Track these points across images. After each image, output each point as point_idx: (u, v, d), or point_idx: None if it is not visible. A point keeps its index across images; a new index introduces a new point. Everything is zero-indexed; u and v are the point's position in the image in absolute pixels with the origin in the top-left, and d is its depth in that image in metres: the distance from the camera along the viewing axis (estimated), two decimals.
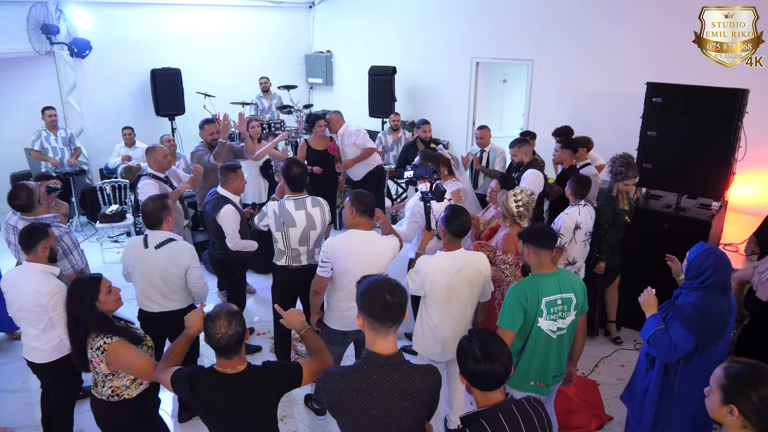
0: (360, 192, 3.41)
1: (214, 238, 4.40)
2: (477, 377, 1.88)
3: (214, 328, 2.15)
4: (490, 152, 5.96)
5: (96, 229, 7.06)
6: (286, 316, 2.57)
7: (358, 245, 3.30)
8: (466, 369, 1.90)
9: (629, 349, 4.84)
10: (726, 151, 4.48)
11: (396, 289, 2.05)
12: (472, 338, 1.92)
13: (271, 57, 10.03)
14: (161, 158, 4.69)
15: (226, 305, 2.25)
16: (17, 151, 7.44)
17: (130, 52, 8.39)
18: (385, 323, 2.02)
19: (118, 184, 6.94)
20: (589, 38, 7.43)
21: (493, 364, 1.84)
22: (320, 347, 2.48)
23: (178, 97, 8.47)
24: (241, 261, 4.50)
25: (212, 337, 2.16)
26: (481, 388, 1.90)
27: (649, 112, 4.74)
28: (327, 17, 10.54)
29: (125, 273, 3.54)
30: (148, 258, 3.38)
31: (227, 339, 2.15)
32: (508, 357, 1.87)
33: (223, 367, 2.21)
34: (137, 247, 3.41)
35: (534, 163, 5.12)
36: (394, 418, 2.00)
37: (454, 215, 3.14)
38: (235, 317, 2.19)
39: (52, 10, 7.10)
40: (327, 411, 2.10)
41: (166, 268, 3.37)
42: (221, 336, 2.15)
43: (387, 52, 9.48)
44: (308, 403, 4.05)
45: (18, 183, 3.79)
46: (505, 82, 9.29)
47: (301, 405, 4.06)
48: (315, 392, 4.01)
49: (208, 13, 9.28)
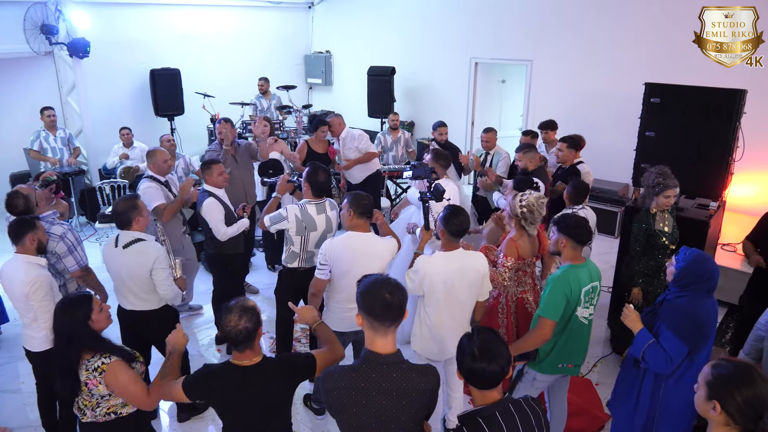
0: (358, 194, 3.41)
1: (206, 235, 4.42)
2: (473, 375, 1.89)
3: (225, 320, 2.21)
4: (494, 155, 5.90)
5: (95, 229, 7.06)
6: (299, 312, 2.64)
7: (356, 247, 3.31)
8: (463, 366, 1.91)
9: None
10: (724, 152, 4.49)
11: (396, 288, 2.07)
12: (474, 336, 1.93)
13: (271, 57, 10.05)
14: (161, 163, 4.70)
15: (242, 300, 2.30)
16: (17, 151, 7.44)
17: (129, 53, 8.40)
18: (384, 322, 2.03)
19: (117, 185, 6.95)
20: (588, 38, 7.44)
21: (490, 363, 1.85)
22: (332, 338, 2.54)
23: (178, 98, 8.48)
24: (233, 256, 4.52)
25: (223, 329, 2.22)
26: (477, 386, 1.91)
27: (647, 113, 4.74)
28: (326, 17, 10.55)
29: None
30: (116, 257, 3.42)
31: (236, 333, 2.20)
32: (506, 358, 1.88)
33: (239, 360, 2.26)
34: (110, 245, 3.48)
35: (540, 171, 5.01)
36: (392, 417, 2.01)
37: (452, 215, 3.14)
38: (246, 313, 2.23)
39: (51, 10, 7.10)
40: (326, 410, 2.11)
41: (132, 268, 3.38)
42: (230, 329, 2.21)
43: (386, 52, 9.49)
44: (307, 402, 4.05)
45: (11, 191, 3.75)
46: (503, 82, 9.30)
47: (300, 405, 4.07)
48: (314, 392, 4.01)
49: (208, 13, 9.29)
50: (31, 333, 3.25)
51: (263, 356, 2.31)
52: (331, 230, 3.86)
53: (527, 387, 3.20)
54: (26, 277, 3.10)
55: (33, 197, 3.76)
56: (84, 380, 2.47)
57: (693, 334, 2.65)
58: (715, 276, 2.71)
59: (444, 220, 3.15)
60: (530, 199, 3.53)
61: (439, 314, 3.18)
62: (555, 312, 2.93)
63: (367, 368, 2.03)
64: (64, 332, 2.49)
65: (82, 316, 2.50)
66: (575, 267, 3.00)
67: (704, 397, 1.82)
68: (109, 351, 2.52)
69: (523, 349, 3.05)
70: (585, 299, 2.99)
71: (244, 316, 2.22)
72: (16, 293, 3.16)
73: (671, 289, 2.82)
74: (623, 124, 6.08)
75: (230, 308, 2.24)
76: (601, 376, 4.47)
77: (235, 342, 2.22)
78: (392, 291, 2.05)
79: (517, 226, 3.62)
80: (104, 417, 2.57)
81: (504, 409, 1.90)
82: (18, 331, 4.23)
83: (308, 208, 3.76)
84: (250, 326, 2.22)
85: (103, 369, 2.47)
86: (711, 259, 2.77)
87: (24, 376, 4.24)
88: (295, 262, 3.88)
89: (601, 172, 6.85)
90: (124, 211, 3.39)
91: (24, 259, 3.18)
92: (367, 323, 2.07)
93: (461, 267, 3.13)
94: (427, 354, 3.29)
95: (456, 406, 3.42)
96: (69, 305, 2.52)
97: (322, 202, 3.81)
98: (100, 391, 2.50)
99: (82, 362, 2.48)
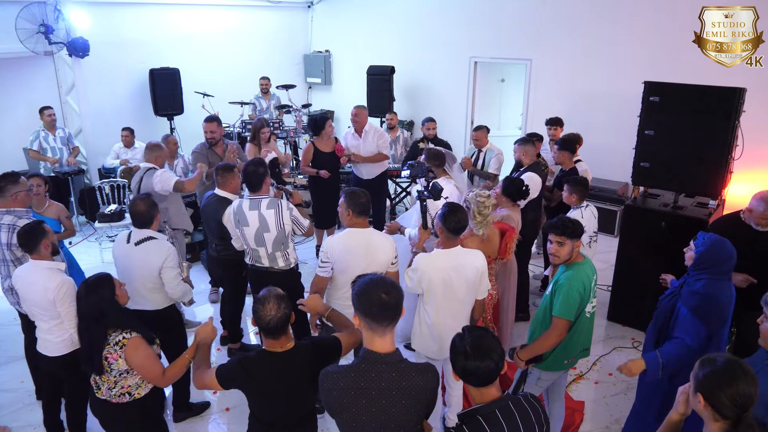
0: (354, 192, 3.37)
1: (217, 240, 4.38)
2: (468, 373, 1.89)
3: (263, 311, 2.24)
4: (486, 153, 5.86)
5: (95, 229, 7.06)
6: (307, 302, 2.68)
7: (356, 243, 3.30)
8: (457, 365, 1.91)
9: (627, 347, 4.85)
10: (723, 150, 4.48)
11: (392, 288, 2.05)
12: (464, 335, 1.93)
13: (270, 57, 10.03)
14: (165, 158, 4.87)
15: (273, 289, 2.34)
16: (16, 151, 7.44)
17: (128, 52, 8.39)
18: (381, 323, 2.02)
19: (116, 184, 6.95)
20: (588, 37, 7.44)
21: (483, 360, 1.85)
22: (348, 323, 2.58)
23: (177, 97, 8.47)
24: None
25: (262, 319, 2.25)
26: (474, 384, 1.91)
27: (646, 111, 4.74)
28: (325, 17, 10.54)
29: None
30: (127, 254, 3.44)
31: (276, 321, 2.24)
32: (499, 354, 1.88)
33: (273, 347, 2.30)
34: (121, 241, 3.50)
35: (535, 166, 4.98)
36: (392, 416, 2.01)
37: (451, 212, 3.13)
38: (283, 300, 2.29)
39: (50, 10, 7.09)
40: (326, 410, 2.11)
41: (141, 266, 3.40)
42: (271, 318, 2.24)
43: (385, 51, 9.48)
44: None
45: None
46: (503, 81, 9.29)
47: None
48: None
49: (207, 12, 9.28)
50: (50, 338, 3.21)
51: (295, 341, 2.36)
52: (267, 230, 3.71)
53: (532, 386, 3.21)
54: (52, 284, 3.08)
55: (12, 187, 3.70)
56: (104, 354, 2.61)
57: (712, 315, 2.75)
58: (733, 257, 2.82)
59: (442, 217, 3.14)
60: (470, 198, 3.64)
61: (438, 312, 3.18)
62: (571, 312, 2.95)
63: (366, 368, 2.03)
64: (93, 312, 2.63)
65: (109, 293, 2.67)
66: (580, 265, 3.02)
67: (692, 390, 1.87)
68: (132, 327, 2.67)
69: (539, 351, 3.05)
70: (592, 294, 3.05)
71: (281, 303, 2.27)
72: (39, 300, 3.12)
73: (690, 272, 2.90)
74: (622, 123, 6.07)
75: (265, 298, 2.28)
76: (601, 375, 4.47)
77: (273, 330, 2.26)
78: (388, 290, 2.03)
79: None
80: (118, 398, 2.69)
81: (503, 406, 1.90)
82: (17, 331, 4.22)
83: (243, 204, 3.75)
84: (288, 312, 2.29)
85: (124, 343, 2.61)
86: (728, 242, 2.84)
87: (24, 375, 4.24)
88: (247, 257, 3.93)
89: (600, 171, 6.85)
90: (146, 210, 3.43)
91: (44, 266, 3.16)
92: (364, 324, 2.05)
93: (460, 265, 3.13)
94: (426, 353, 3.29)
95: (455, 404, 3.42)
96: (95, 285, 2.68)
97: (257, 198, 3.74)
98: (120, 366, 2.63)
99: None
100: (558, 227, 2.99)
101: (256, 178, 3.75)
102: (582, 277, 2.97)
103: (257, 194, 3.78)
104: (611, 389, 4.27)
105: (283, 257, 3.84)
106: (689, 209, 4.81)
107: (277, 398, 2.31)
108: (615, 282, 5.16)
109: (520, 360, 3.08)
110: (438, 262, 3.14)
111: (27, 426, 3.88)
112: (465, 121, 8.99)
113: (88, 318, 2.64)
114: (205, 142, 5.49)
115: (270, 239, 3.75)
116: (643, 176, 4.87)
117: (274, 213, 3.72)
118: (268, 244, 3.76)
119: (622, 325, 5.15)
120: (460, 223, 3.13)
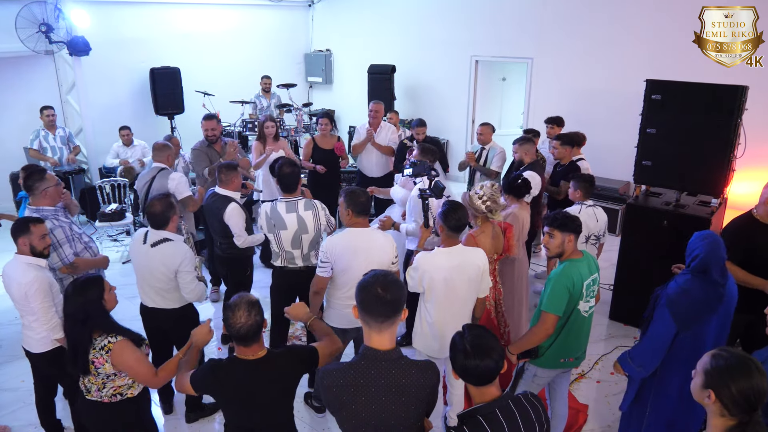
0: (354, 191, 3.36)
1: (221, 238, 4.37)
2: (467, 372, 1.87)
3: (234, 318, 2.19)
4: (489, 150, 5.89)
5: (95, 228, 7.05)
6: (290, 310, 2.64)
7: (356, 243, 3.29)
8: (457, 364, 1.90)
9: (629, 346, 4.83)
10: (725, 148, 4.46)
11: (391, 285, 2.03)
12: (464, 333, 1.92)
13: (271, 56, 10.03)
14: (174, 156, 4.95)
15: (245, 295, 2.29)
16: (16, 150, 7.43)
17: (129, 51, 8.39)
18: (376, 318, 2.00)
19: (117, 183, 6.94)
20: (589, 36, 7.43)
21: (483, 359, 1.84)
22: (329, 331, 2.58)
23: (178, 96, 8.47)
24: (250, 258, 4.54)
25: (232, 327, 2.20)
26: (474, 383, 1.90)
27: (648, 110, 4.72)
28: (326, 16, 10.53)
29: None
30: (143, 254, 3.41)
31: (247, 328, 2.20)
32: (499, 352, 1.87)
33: (244, 355, 2.25)
34: (138, 241, 3.46)
35: (535, 164, 5.02)
36: (392, 413, 1.99)
37: (451, 210, 3.13)
38: (254, 307, 2.24)
39: (50, 9, 7.09)
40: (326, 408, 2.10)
41: (157, 267, 3.38)
42: (241, 326, 2.19)
43: (386, 50, 9.48)
44: (308, 401, 4.04)
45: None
46: (504, 80, 9.28)
47: (301, 403, 4.06)
48: (314, 390, 4.00)
49: (208, 11, 9.28)
50: (31, 334, 3.23)
51: (267, 349, 2.32)
52: (306, 231, 3.70)
53: (528, 383, 3.20)
54: (23, 278, 3.09)
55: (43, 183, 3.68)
56: (90, 359, 2.55)
57: (681, 309, 2.78)
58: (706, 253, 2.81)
59: (443, 215, 3.14)
60: (486, 191, 3.56)
61: (439, 311, 3.17)
62: (558, 306, 2.94)
63: (366, 365, 2.01)
64: (78, 313, 2.55)
65: (96, 296, 2.59)
66: (575, 261, 3.00)
67: (700, 385, 1.84)
68: (117, 331, 2.60)
69: (526, 346, 3.06)
70: (587, 292, 3.02)
71: (252, 310, 2.22)
72: (15, 294, 3.16)
73: (684, 270, 2.93)
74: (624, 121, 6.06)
75: (236, 305, 2.22)
76: (603, 374, 4.46)
77: (244, 337, 2.21)
78: (386, 286, 2.01)
79: (482, 220, 3.63)
80: (110, 398, 2.65)
81: (504, 405, 1.89)
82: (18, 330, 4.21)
83: (278, 206, 3.69)
84: (259, 319, 2.24)
85: (110, 348, 2.55)
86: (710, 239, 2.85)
87: (24, 375, 4.23)
88: (278, 260, 3.84)
89: (601, 170, 6.84)
90: (163, 211, 3.37)
91: (22, 260, 3.17)
92: (361, 317, 2.05)
93: (461, 263, 3.12)
94: (427, 351, 3.28)
95: (457, 403, 3.41)
96: (82, 286, 2.60)
97: (293, 200, 3.71)
98: (106, 370, 2.57)
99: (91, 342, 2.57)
100: (549, 219, 3.06)
101: (293, 179, 3.70)
102: (572, 274, 2.95)
103: (292, 196, 3.72)
104: (613, 388, 4.26)
105: (315, 255, 3.82)
106: (691, 208, 4.79)
107: (248, 406, 2.27)
108: (617, 281, 5.15)
109: (512, 354, 3.09)
110: (439, 260, 3.13)
111: (27, 425, 3.88)
112: (466, 120, 8.98)
113: (72, 318, 2.59)
114: (205, 140, 5.51)
115: (307, 240, 3.74)
116: (645, 174, 4.85)
117: (312, 214, 3.71)
118: (304, 245, 3.74)
119: (623, 324, 5.14)
120: (460, 221, 3.13)
